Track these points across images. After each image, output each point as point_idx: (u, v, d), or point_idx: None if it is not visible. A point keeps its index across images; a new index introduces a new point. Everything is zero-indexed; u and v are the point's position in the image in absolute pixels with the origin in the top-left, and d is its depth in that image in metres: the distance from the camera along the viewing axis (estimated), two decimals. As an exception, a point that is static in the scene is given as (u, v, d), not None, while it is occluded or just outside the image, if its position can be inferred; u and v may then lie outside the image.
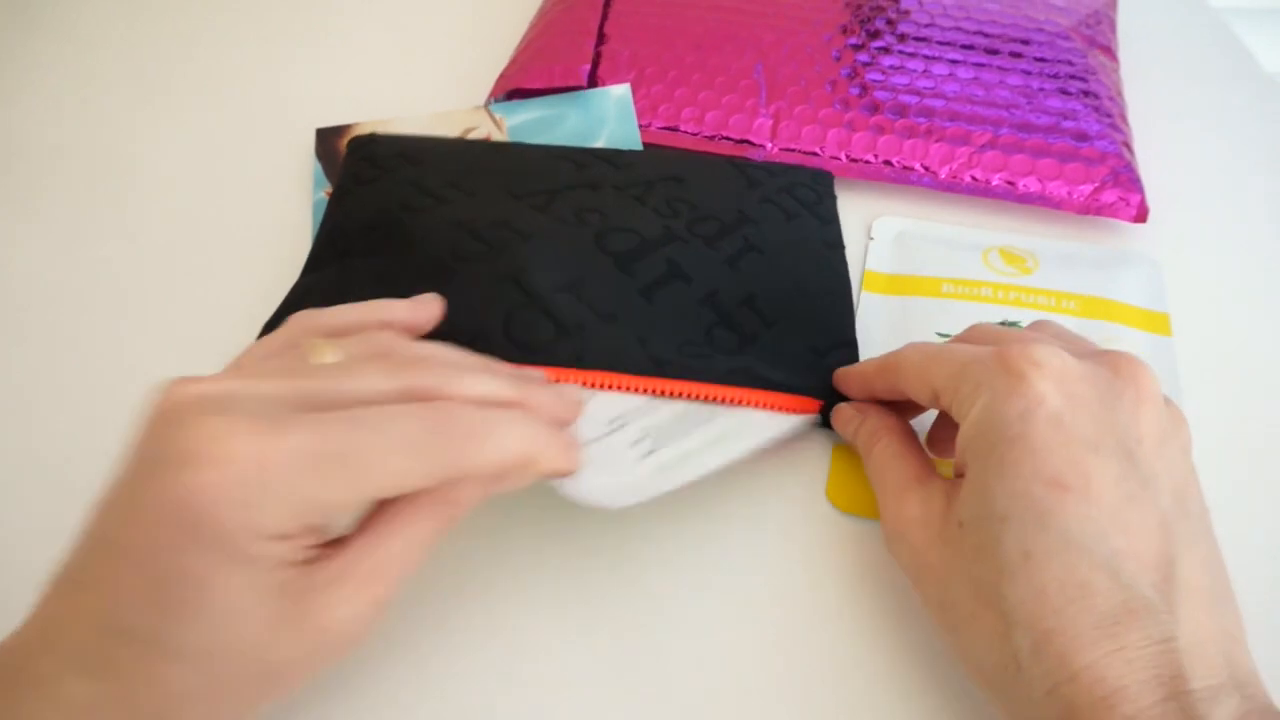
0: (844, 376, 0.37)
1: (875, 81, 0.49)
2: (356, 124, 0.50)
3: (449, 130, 0.49)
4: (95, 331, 0.44)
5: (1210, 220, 0.48)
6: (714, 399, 0.35)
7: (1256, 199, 0.50)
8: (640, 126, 0.49)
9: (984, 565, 0.27)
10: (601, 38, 0.52)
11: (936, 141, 0.47)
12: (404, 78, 0.54)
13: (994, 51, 0.50)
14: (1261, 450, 0.39)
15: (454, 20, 0.59)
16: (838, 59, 0.50)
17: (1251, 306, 0.45)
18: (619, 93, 0.50)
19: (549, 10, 0.55)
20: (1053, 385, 0.28)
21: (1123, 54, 0.53)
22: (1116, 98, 0.50)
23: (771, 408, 0.36)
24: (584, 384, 0.35)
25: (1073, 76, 0.49)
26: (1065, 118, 0.47)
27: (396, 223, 0.41)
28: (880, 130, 0.48)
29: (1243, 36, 0.58)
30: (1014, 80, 0.49)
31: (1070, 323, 0.42)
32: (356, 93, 0.53)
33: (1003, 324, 0.42)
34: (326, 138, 0.50)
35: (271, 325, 0.38)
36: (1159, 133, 0.51)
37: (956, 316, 0.42)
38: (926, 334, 0.41)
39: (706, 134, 0.49)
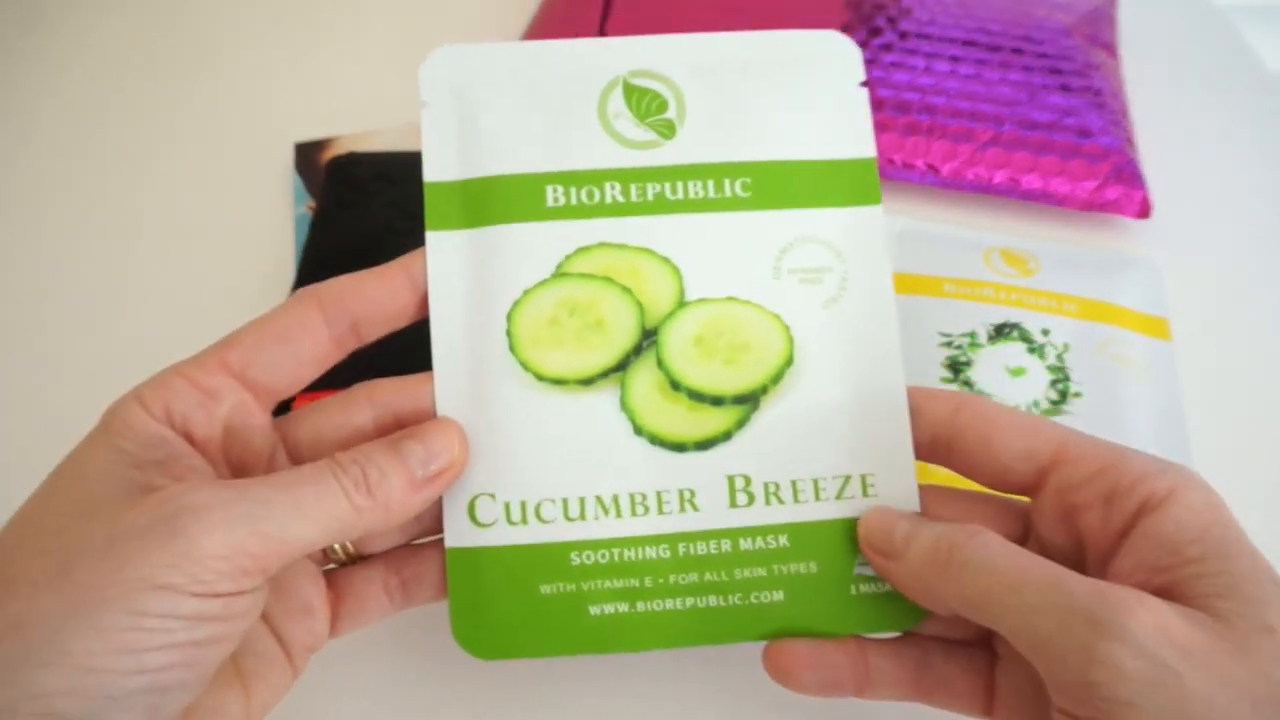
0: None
1: (877, 79, 0.49)
2: (335, 138, 0.50)
3: None
4: (75, 341, 0.44)
5: (1211, 221, 0.48)
6: None
7: (1259, 199, 0.49)
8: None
9: None
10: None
11: (939, 139, 0.47)
12: (382, 87, 0.53)
13: (995, 48, 0.50)
14: (1262, 454, 0.39)
15: (437, 27, 0.58)
16: (838, 55, 0.50)
17: (1252, 310, 0.45)
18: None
19: (544, 13, 0.55)
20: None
21: (1124, 52, 0.53)
22: (1118, 94, 0.49)
23: None
24: None
25: (1074, 73, 0.49)
26: (1067, 114, 0.47)
27: (380, 245, 0.41)
28: (882, 128, 0.47)
29: (1245, 35, 0.58)
30: (1015, 77, 0.49)
31: (1069, 325, 0.41)
32: (334, 104, 0.52)
33: (1003, 325, 0.41)
34: (305, 152, 0.49)
35: None
36: (1160, 131, 0.51)
37: (957, 316, 0.42)
38: (928, 333, 0.41)
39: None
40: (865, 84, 0.30)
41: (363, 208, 0.44)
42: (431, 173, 0.29)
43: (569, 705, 0.33)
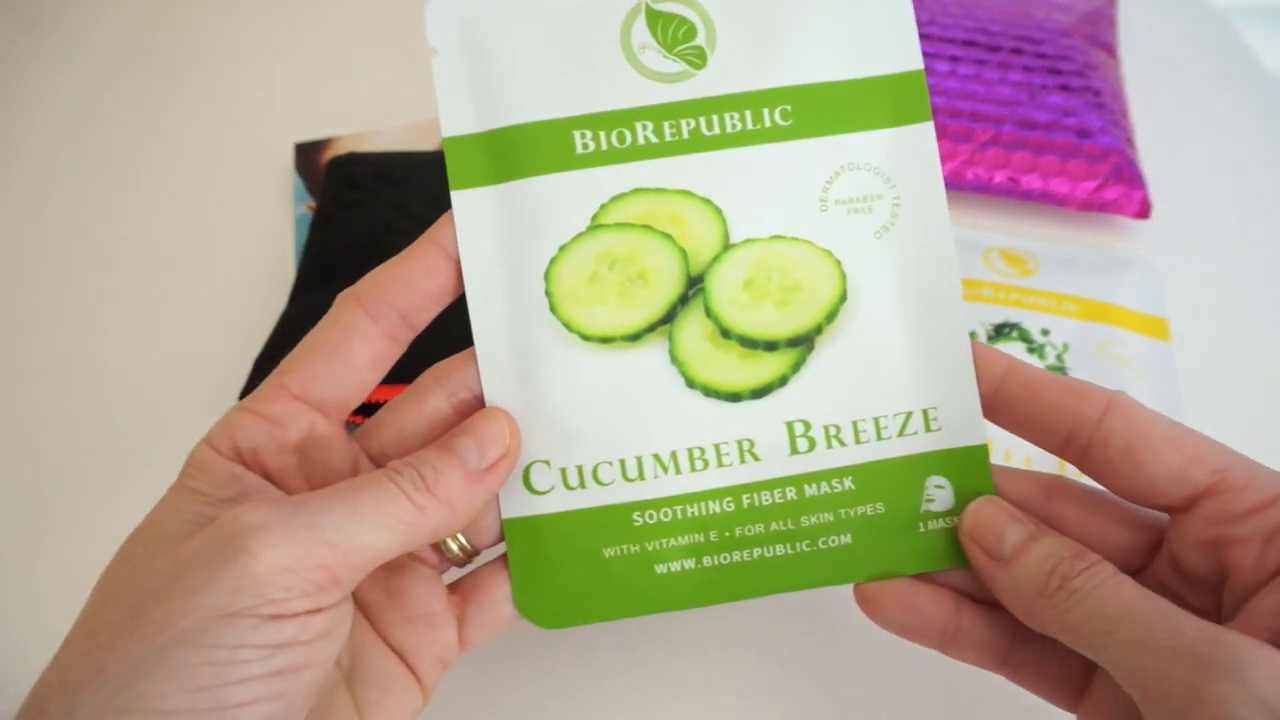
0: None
1: (876, 78, 0.49)
2: (334, 138, 0.50)
3: (428, 141, 0.49)
4: (74, 341, 0.44)
5: (1211, 221, 0.48)
6: None
7: (1258, 200, 0.49)
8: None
9: None
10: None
11: (938, 139, 0.47)
12: (380, 88, 0.53)
13: (995, 49, 0.50)
14: (1262, 455, 0.39)
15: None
16: (838, 55, 0.50)
17: (1252, 310, 0.45)
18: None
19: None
20: None
21: (1124, 54, 0.53)
22: (1118, 94, 0.49)
23: None
24: None
25: (1074, 73, 0.49)
26: (1067, 114, 0.47)
27: (380, 245, 0.41)
28: (881, 127, 0.47)
29: (1244, 36, 0.58)
30: (1015, 77, 0.49)
31: (1069, 325, 0.42)
32: (334, 104, 0.52)
33: (1002, 325, 0.41)
34: (305, 152, 0.49)
35: (263, 359, 0.38)
36: (1159, 132, 0.51)
37: (957, 317, 0.42)
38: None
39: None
40: None
41: (363, 208, 0.44)
42: (450, 126, 0.27)
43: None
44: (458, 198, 0.27)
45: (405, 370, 0.28)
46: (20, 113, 0.52)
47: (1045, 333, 0.41)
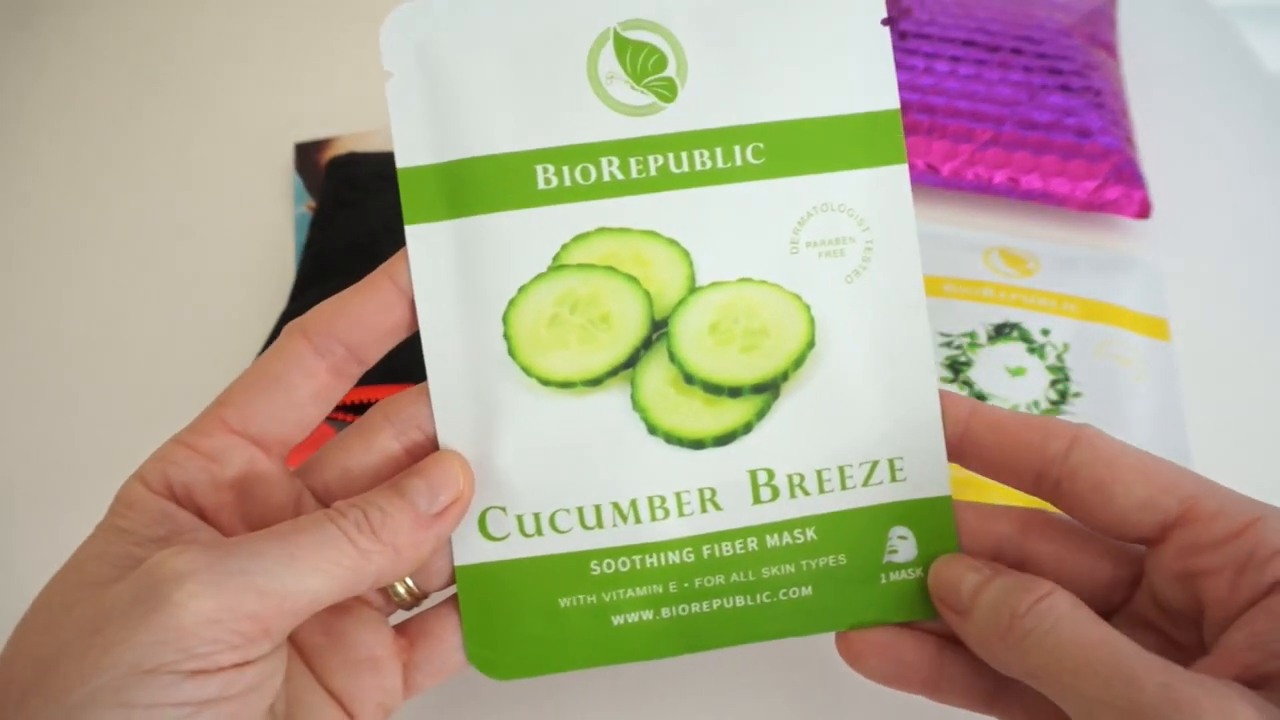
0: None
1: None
2: (334, 138, 0.50)
3: None
4: (73, 342, 0.44)
5: (1211, 222, 0.48)
6: None
7: (1258, 200, 0.49)
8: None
9: None
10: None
11: (939, 139, 0.47)
12: (380, 88, 0.52)
13: (995, 48, 0.50)
14: (1261, 454, 0.39)
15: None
16: (838, 55, 0.50)
17: (1252, 310, 0.45)
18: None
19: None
20: None
21: (1124, 54, 0.53)
22: (1118, 94, 0.49)
23: None
24: None
25: (1074, 73, 0.49)
26: (1067, 114, 0.47)
27: (380, 245, 0.41)
28: (881, 127, 0.47)
29: (1245, 35, 0.58)
30: (1015, 77, 0.49)
31: (1069, 325, 0.42)
32: (334, 104, 0.52)
33: (1002, 325, 0.41)
34: (305, 152, 0.49)
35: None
36: (1160, 131, 0.51)
37: (957, 316, 0.42)
38: (927, 334, 0.41)
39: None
40: (887, 21, 0.26)
41: (363, 207, 0.44)
42: (405, 156, 0.26)
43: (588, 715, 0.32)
44: (412, 233, 0.26)
45: (402, 369, 0.28)
46: (18, 113, 0.52)
47: (1045, 333, 0.41)
